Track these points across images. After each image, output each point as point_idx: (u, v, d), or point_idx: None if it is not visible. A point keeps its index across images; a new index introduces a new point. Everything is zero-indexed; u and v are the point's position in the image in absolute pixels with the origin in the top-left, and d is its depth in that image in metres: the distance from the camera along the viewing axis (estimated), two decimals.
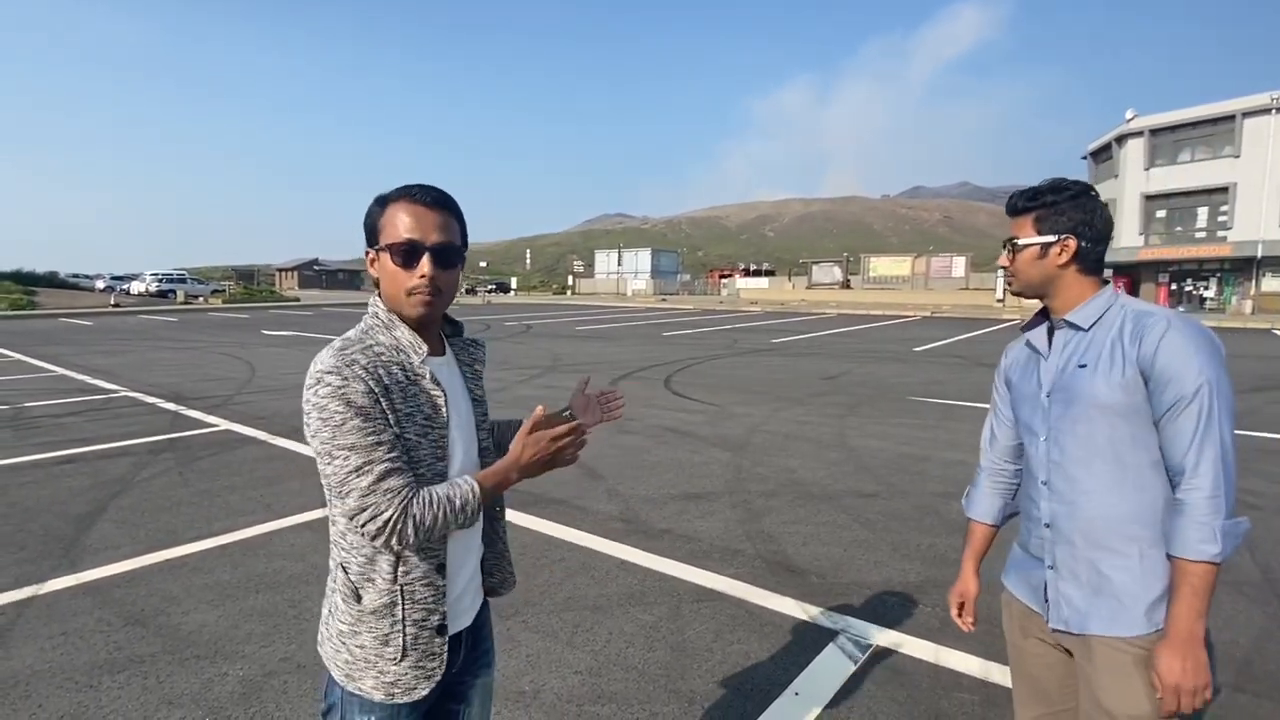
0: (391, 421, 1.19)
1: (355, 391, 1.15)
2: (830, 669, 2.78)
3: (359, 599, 1.27)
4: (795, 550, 4.01)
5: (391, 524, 1.14)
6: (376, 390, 1.17)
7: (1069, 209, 1.41)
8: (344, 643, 1.29)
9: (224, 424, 7.43)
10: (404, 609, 1.25)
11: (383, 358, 1.22)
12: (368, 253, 1.28)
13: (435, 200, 1.24)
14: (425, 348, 1.26)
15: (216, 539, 4.15)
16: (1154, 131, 31.97)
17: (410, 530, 1.15)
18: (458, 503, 1.20)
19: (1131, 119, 32.70)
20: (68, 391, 9.66)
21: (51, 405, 8.60)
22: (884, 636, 3.03)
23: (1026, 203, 1.46)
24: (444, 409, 1.27)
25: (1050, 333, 1.50)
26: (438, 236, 1.23)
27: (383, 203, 1.25)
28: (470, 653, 1.42)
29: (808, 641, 3.01)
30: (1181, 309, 31.45)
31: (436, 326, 1.36)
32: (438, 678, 1.29)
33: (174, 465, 5.77)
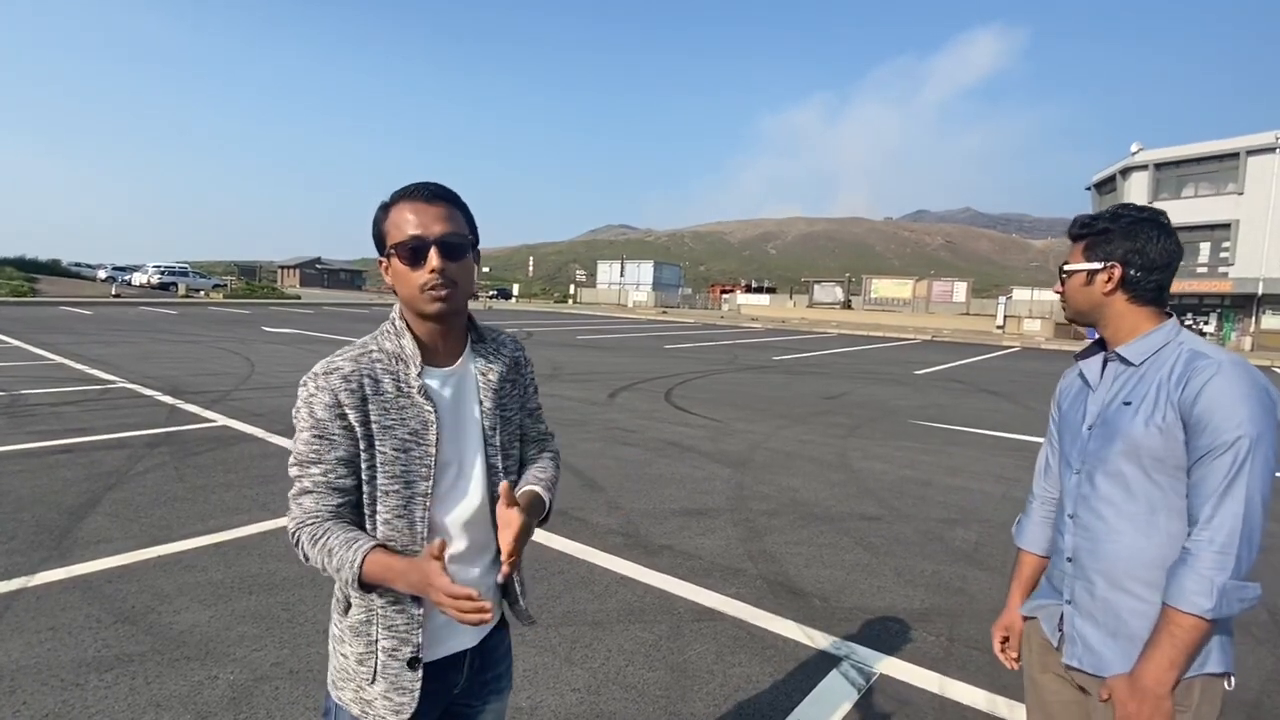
0: (360, 436, 1.19)
1: (319, 403, 1.18)
2: (833, 697, 2.72)
3: (346, 610, 1.26)
4: (797, 572, 3.95)
5: (290, 534, 1.21)
6: (347, 403, 1.18)
7: (1119, 236, 1.38)
8: (335, 648, 1.30)
9: (221, 419, 7.37)
10: (377, 630, 1.23)
11: (376, 366, 1.21)
12: (380, 261, 1.26)
13: (435, 194, 1.22)
14: (420, 360, 1.24)
15: (210, 537, 4.09)
16: (1159, 166, 32.18)
17: (300, 553, 1.20)
18: (333, 562, 1.15)
19: (1137, 152, 32.91)
20: (65, 380, 9.60)
21: (48, 393, 8.54)
22: (888, 665, 2.97)
23: (1080, 229, 1.44)
24: (434, 427, 1.23)
25: (1104, 364, 1.46)
26: (441, 228, 1.20)
27: (385, 208, 1.24)
28: (478, 675, 1.36)
29: (810, 667, 2.95)
30: (1210, 344, 31.47)
31: (460, 331, 1.31)
32: (407, 714, 1.22)
33: (170, 460, 5.71)
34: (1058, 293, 1.50)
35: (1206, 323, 31.43)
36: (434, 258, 1.18)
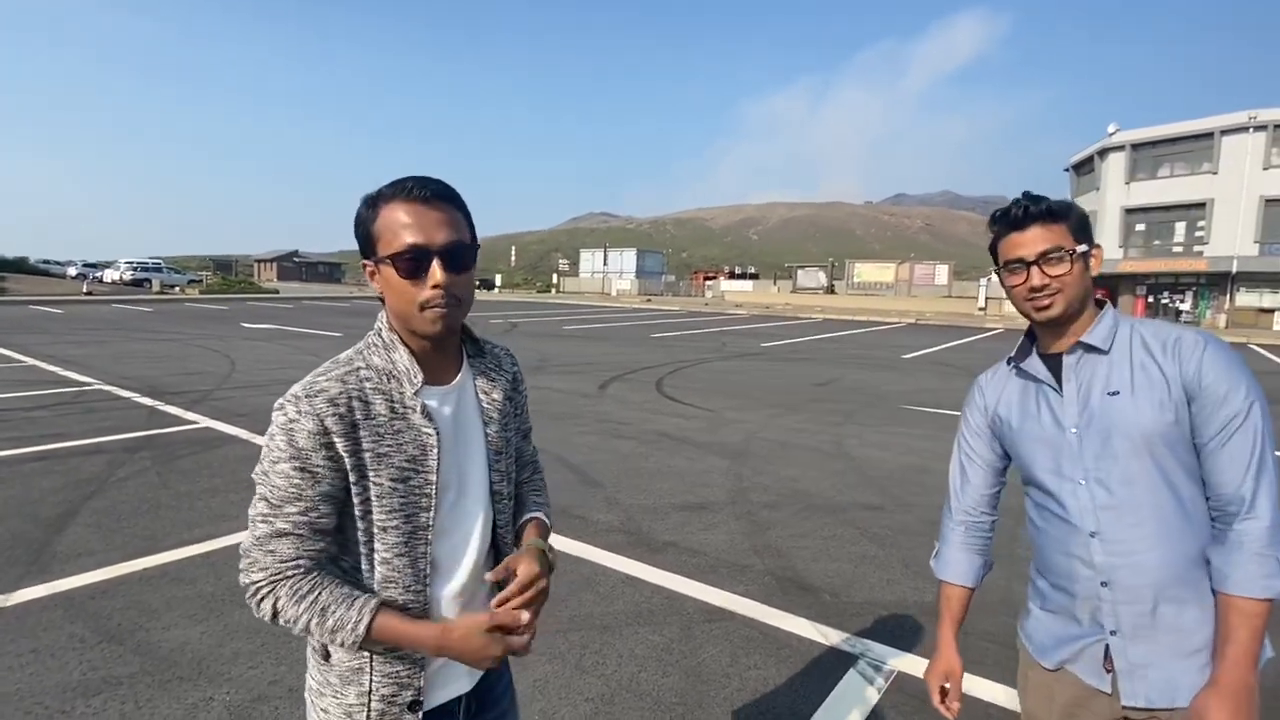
0: (350, 467, 1.04)
1: (302, 430, 1.01)
2: (853, 697, 2.66)
3: (326, 656, 1.12)
4: (805, 566, 3.89)
5: (255, 588, 1.03)
6: (334, 430, 1.02)
7: (1076, 215, 1.28)
8: (314, 701, 1.15)
9: (204, 421, 7.16)
10: (372, 680, 1.09)
11: (366, 385, 1.06)
12: (365, 265, 1.10)
13: (435, 194, 1.06)
14: (421, 377, 1.09)
15: (198, 546, 3.94)
16: (1135, 146, 32.49)
17: (268, 609, 1.02)
18: (330, 622, 1.01)
19: (1113, 133, 33.20)
20: (38, 383, 9.30)
21: (20, 397, 8.25)
22: (905, 661, 2.92)
23: (1056, 208, 1.27)
24: (435, 450, 1.09)
25: (1045, 361, 1.34)
26: (445, 236, 1.05)
27: (373, 204, 1.07)
28: (474, 718, 1.24)
29: (826, 666, 2.88)
30: (1159, 320, 31.98)
31: (455, 345, 1.18)
32: None
33: (151, 465, 5.52)
34: (1035, 289, 1.27)
35: (1182, 301, 31.92)
36: (437, 272, 1.03)
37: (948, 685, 1.47)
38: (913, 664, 2.90)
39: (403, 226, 1.03)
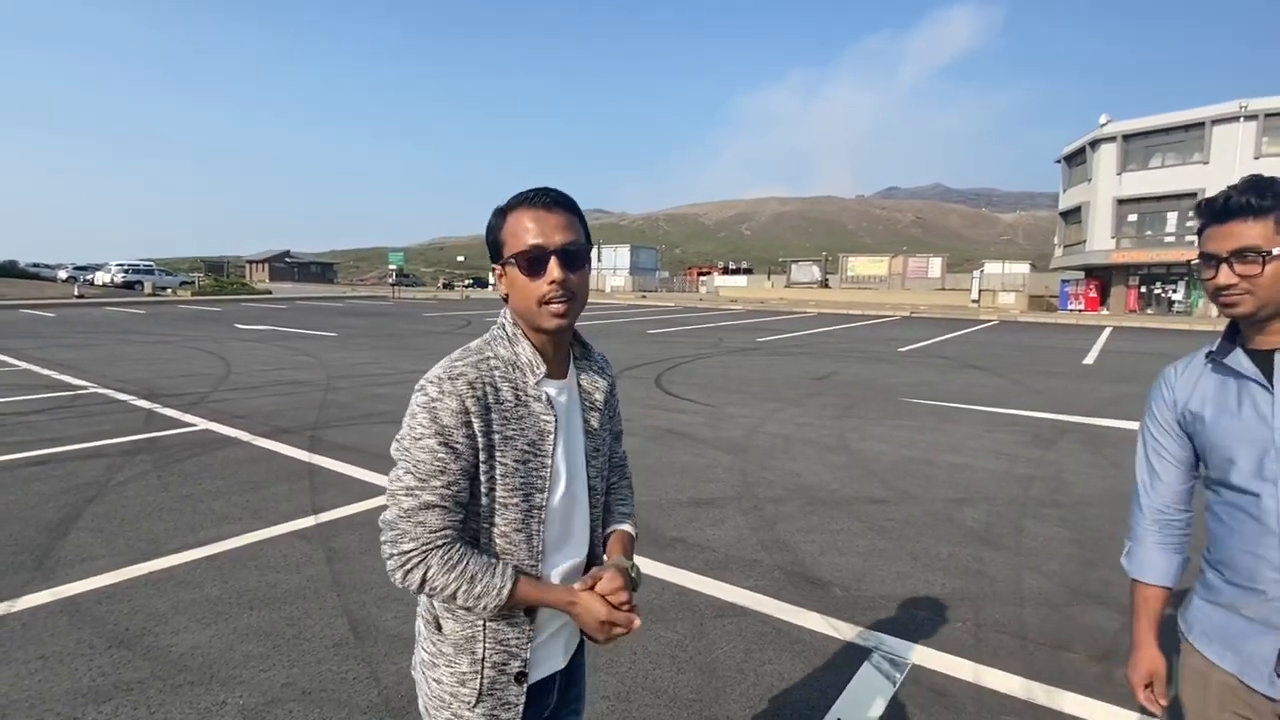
0: (481, 446, 1.13)
1: (446, 409, 1.10)
2: (870, 691, 2.66)
3: (439, 627, 1.20)
4: (814, 560, 3.88)
5: (405, 558, 1.10)
6: (473, 410, 1.12)
7: None
8: (424, 674, 1.23)
9: (202, 423, 7.11)
10: (485, 648, 1.17)
11: (496, 373, 1.16)
12: (494, 268, 1.22)
13: (555, 201, 1.17)
14: (544, 368, 1.19)
15: (202, 549, 3.90)
16: (1127, 137, 32.61)
17: (418, 578, 1.10)
18: (478, 589, 1.10)
19: (1105, 124, 33.31)
20: (33, 387, 9.22)
21: (15, 402, 8.18)
22: (919, 654, 2.91)
23: (1262, 200, 1.16)
24: (551, 436, 1.19)
25: (1253, 356, 1.27)
26: (562, 237, 1.15)
27: (502, 214, 1.20)
28: (562, 695, 1.32)
29: (840, 660, 2.88)
30: (1150, 311, 32.19)
31: (567, 344, 1.28)
32: None
33: (151, 468, 5.48)
34: (1226, 285, 1.20)
35: (1175, 291, 32.08)
36: (555, 268, 1.14)
37: (1152, 684, 1.42)
38: (928, 657, 2.89)
39: (525, 230, 1.15)
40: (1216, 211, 1.21)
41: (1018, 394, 9.64)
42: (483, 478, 1.14)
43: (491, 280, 1.28)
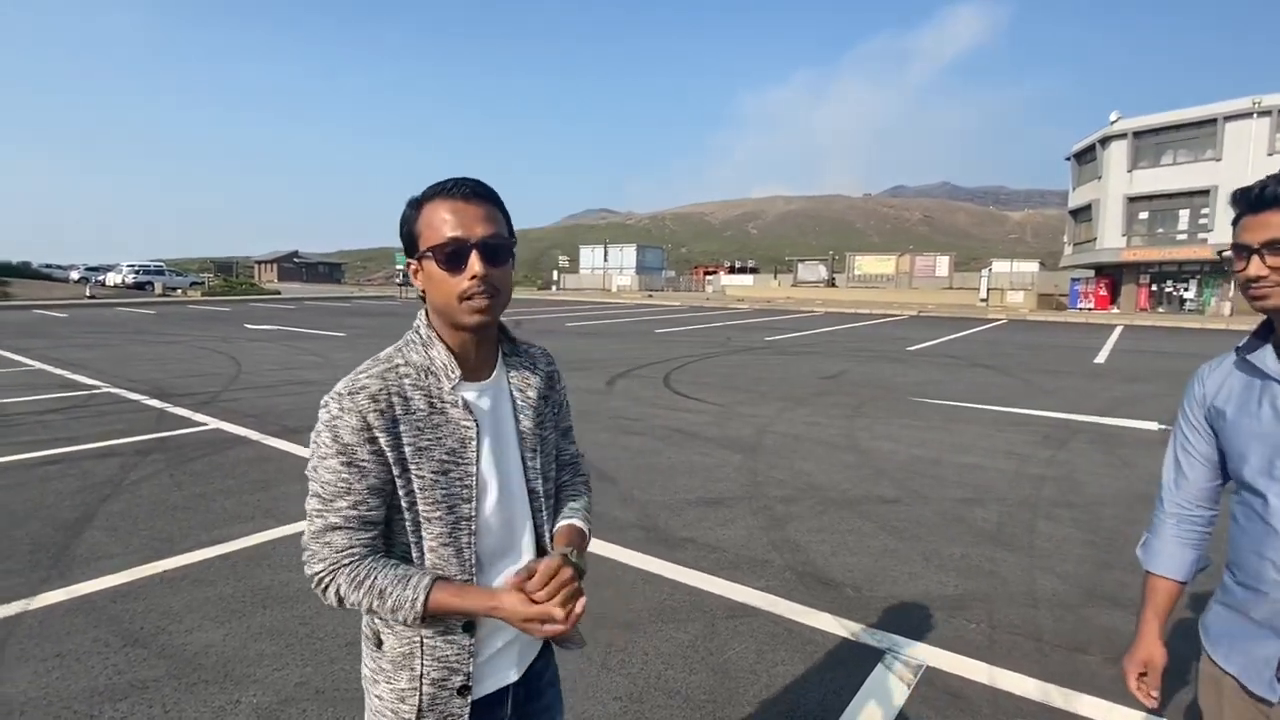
0: (392, 460, 1.08)
1: (346, 426, 1.06)
2: (884, 693, 2.64)
3: (379, 644, 1.16)
4: (825, 560, 3.87)
5: (317, 578, 1.09)
6: (376, 425, 1.06)
7: None
8: (367, 689, 1.20)
9: (213, 422, 7.15)
10: (423, 664, 1.13)
11: (405, 381, 1.10)
12: (409, 263, 1.15)
13: (475, 192, 1.11)
14: (458, 372, 1.13)
15: (215, 548, 3.93)
16: (1137, 134, 32.34)
17: (332, 595, 1.08)
18: (389, 602, 1.06)
19: (1115, 121, 33.05)
20: (47, 387, 9.30)
21: (30, 401, 8.25)
22: (932, 656, 2.90)
23: None
24: (474, 443, 1.13)
25: None
26: (484, 230, 1.09)
27: (416, 205, 1.13)
28: (521, 708, 1.27)
29: (853, 662, 2.87)
30: (1161, 310, 31.93)
31: (492, 342, 1.22)
32: None
33: (164, 467, 5.51)
34: (1257, 277, 1.18)
35: (1186, 289, 31.82)
36: (475, 263, 1.08)
37: (1145, 673, 1.40)
38: (940, 658, 2.88)
39: (443, 222, 1.08)
40: (1252, 201, 1.18)
41: (1028, 393, 9.58)
42: (400, 492, 1.09)
43: (407, 276, 1.20)
